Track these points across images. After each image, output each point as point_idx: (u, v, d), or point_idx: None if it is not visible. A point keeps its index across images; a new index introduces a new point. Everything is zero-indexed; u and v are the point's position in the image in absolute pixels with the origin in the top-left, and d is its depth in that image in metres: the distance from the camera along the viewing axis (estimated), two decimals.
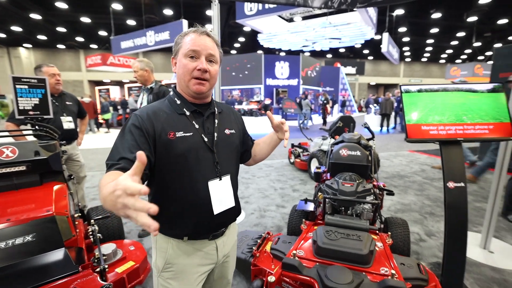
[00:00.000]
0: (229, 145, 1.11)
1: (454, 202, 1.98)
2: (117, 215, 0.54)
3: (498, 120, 2.12)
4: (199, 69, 0.95)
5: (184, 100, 1.04)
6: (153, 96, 2.77)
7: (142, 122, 0.93)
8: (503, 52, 5.52)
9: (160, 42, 9.21)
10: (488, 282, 2.11)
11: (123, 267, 1.89)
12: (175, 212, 1.00)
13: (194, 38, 0.96)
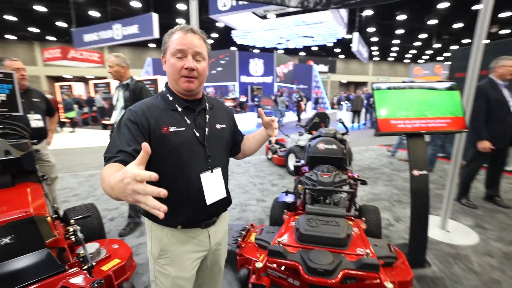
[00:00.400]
0: (220, 139, 1.15)
1: (418, 188, 2.22)
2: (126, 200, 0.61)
3: (454, 114, 2.40)
4: (187, 68, 0.99)
5: (176, 96, 1.07)
6: (130, 92, 2.72)
7: (137, 117, 0.97)
8: (459, 54, 6.02)
9: (129, 36, 8.81)
10: (445, 256, 2.39)
11: (108, 265, 1.89)
12: (169, 202, 1.03)
13: (180, 37, 0.98)
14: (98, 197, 3.91)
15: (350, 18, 13.65)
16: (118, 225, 3.00)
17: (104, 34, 9.36)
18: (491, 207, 3.41)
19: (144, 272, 2.21)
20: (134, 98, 2.70)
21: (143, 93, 2.71)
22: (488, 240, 2.66)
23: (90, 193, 4.08)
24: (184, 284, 1.11)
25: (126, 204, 3.52)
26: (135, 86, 2.73)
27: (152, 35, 8.38)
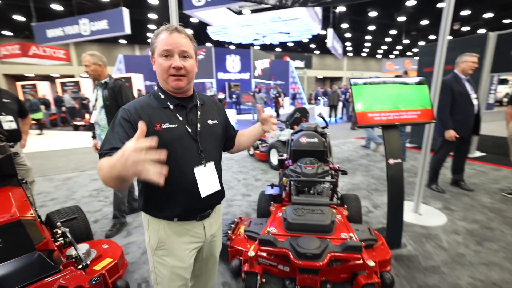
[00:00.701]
0: (212, 134, 1.19)
1: (394, 176, 2.41)
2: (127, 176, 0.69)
3: (423, 107, 2.61)
4: (174, 67, 1.01)
5: (167, 94, 1.10)
6: (109, 91, 2.68)
7: (131, 115, 1.00)
8: (426, 50, 6.39)
9: (97, 32, 8.36)
10: (418, 237, 2.61)
11: (101, 264, 1.90)
12: (165, 196, 1.09)
13: (166, 37, 1.01)
14: (78, 200, 3.81)
15: (324, 15, 13.97)
16: (103, 227, 2.98)
17: (70, 30, 8.81)
18: (457, 191, 3.73)
19: (136, 270, 2.23)
20: (113, 97, 2.69)
21: (122, 91, 2.70)
22: (454, 220, 2.93)
23: (69, 197, 3.96)
24: (182, 273, 1.16)
25: (109, 206, 3.52)
26: (114, 85, 2.70)
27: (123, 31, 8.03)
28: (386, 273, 1.92)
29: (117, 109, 2.66)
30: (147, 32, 21.63)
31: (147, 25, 19.56)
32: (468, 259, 2.27)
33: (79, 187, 4.34)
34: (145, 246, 2.50)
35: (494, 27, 19.57)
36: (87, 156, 6.57)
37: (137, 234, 2.82)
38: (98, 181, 4.61)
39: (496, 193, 3.60)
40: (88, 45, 23.24)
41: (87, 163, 5.93)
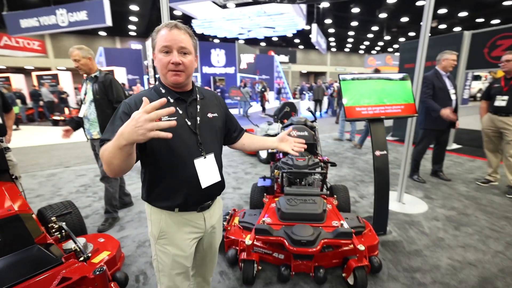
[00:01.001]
0: (212, 127, 1.22)
1: (380, 166, 2.56)
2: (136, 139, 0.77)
3: (407, 101, 2.76)
4: (173, 63, 1.05)
5: (167, 89, 1.14)
6: (99, 85, 2.67)
7: (130, 109, 1.03)
8: (407, 47, 6.63)
9: (76, 23, 7.87)
10: (402, 224, 2.79)
11: (99, 257, 1.92)
12: (166, 187, 1.13)
13: (166, 34, 1.04)
14: (65, 196, 3.74)
15: (308, 10, 14.10)
16: (94, 222, 2.97)
17: (46, 20, 8.25)
18: (436, 180, 3.97)
19: (132, 263, 2.26)
20: (104, 91, 2.68)
21: (113, 85, 2.69)
22: (434, 207, 3.14)
23: (55, 193, 3.85)
24: (182, 261, 1.20)
25: (99, 201, 3.51)
26: (105, 79, 2.70)
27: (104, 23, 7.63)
28: (374, 257, 2.06)
29: (107, 103, 2.72)
30: (128, 24, 21.06)
31: (128, 17, 18.99)
32: (447, 242, 2.46)
33: (65, 183, 4.26)
34: (139, 239, 2.60)
35: (468, 26, 20.52)
36: (69, 152, 6.40)
37: (130, 229, 2.82)
38: (84, 177, 4.53)
39: (472, 182, 3.86)
40: (65, 37, 22.52)
41: (70, 158, 5.78)
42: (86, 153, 6.12)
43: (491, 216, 2.91)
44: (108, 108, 2.73)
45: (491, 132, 3.56)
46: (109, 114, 2.70)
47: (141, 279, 2.07)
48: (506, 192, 3.45)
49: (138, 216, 3.11)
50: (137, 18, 19.72)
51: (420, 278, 2.00)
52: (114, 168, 0.89)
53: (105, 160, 0.87)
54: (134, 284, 2.01)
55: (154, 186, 1.15)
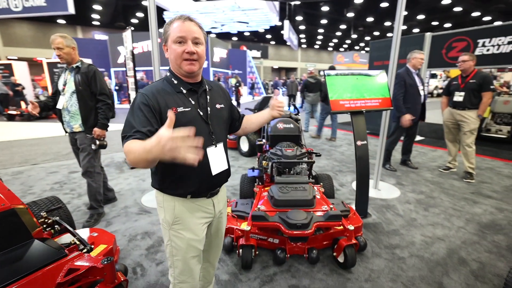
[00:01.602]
0: (220, 118, 1.28)
1: (361, 155, 2.78)
2: (163, 158, 0.79)
3: (383, 96, 3.01)
4: (188, 52, 1.09)
5: (180, 80, 1.18)
6: (82, 76, 2.57)
7: (149, 100, 1.06)
8: (376, 45, 7.04)
9: (32, 9, 7.18)
10: (380, 208, 3.08)
11: (96, 250, 1.88)
12: (180, 175, 1.17)
13: (180, 25, 1.08)
14: (39, 194, 3.53)
15: (281, 7, 14.31)
16: (77, 219, 2.82)
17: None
18: (405, 169, 4.36)
19: (126, 256, 2.26)
20: (87, 82, 2.59)
21: (97, 77, 2.63)
22: (406, 192, 3.48)
23: (26, 191, 3.63)
24: (196, 245, 1.26)
25: (78, 198, 3.39)
26: (88, 70, 2.61)
27: (66, 10, 7.08)
28: (360, 237, 2.28)
29: (90, 95, 2.63)
30: (92, 13, 19.83)
31: (92, 5, 17.87)
32: (419, 222, 2.77)
33: (36, 181, 4.00)
34: (130, 233, 2.60)
35: (425, 28, 22.09)
36: (34, 148, 5.95)
37: (118, 224, 2.78)
38: (57, 174, 4.28)
39: (435, 170, 4.31)
40: (17, 23, 20.47)
41: (36, 155, 5.40)
42: (53, 150, 5.78)
43: (453, 198, 3.30)
44: (91, 100, 2.64)
45: (451, 124, 3.98)
46: (92, 107, 2.64)
47: (139, 270, 2.08)
48: (463, 177, 3.89)
49: (124, 211, 3.06)
50: (101, 7, 18.60)
51: (399, 253, 2.26)
52: (142, 166, 0.91)
53: (131, 160, 0.89)
54: (133, 276, 2.02)
55: (168, 174, 1.18)
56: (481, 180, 3.86)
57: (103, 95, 2.64)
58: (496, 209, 3.03)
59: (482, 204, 3.15)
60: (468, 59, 3.64)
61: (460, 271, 2.04)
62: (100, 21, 22.25)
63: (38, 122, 9.76)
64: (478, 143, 3.89)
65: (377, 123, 6.24)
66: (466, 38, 5.35)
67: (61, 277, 1.36)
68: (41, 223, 1.96)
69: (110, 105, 2.69)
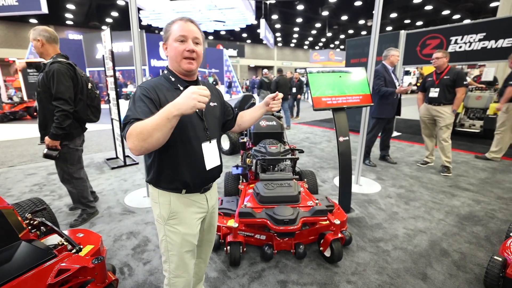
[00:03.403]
0: (214, 115, 1.33)
1: (344, 151, 2.81)
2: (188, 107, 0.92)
3: (364, 92, 3.07)
4: (188, 50, 1.15)
5: (177, 77, 1.22)
6: (44, 75, 2.31)
7: (149, 92, 1.10)
8: (352, 43, 7.19)
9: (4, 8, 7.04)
10: (362, 202, 3.13)
11: (84, 250, 1.83)
12: (175, 169, 1.20)
13: (181, 25, 1.15)
14: (18, 196, 3.39)
15: (256, 6, 14.31)
16: (60, 221, 2.74)
17: None
18: (385, 164, 4.48)
19: (112, 256, 2.21)
20: (46, 83, 2.31)
21: (55, 77, 2.27)
22: (386, 187, 3.57)
23: (4, 194, 3.48)
24: (191, 239, 1.29)
25: (59, 200, 3.28)
26: (49, 69, 2.30)
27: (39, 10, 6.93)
28: (345, 231, 2.30)
29: (49, 97, 2.37)
30: (65, 12, 19.25)
31: (65, 4, 17.39)
32: (400, 215, 2.84)
33: (14, 183, 3.85)
34: (114, 234, 2.56)
35: (398, 26, 22.96)
36: (10, 150, 5.74)
37: (102, 224, 2.73)
38: (35, 176, 4.12)
39: (413, 164, 4.45)
40: None
41: (13, 157, 5.20)
42: (30, 151, 5.61)
43: (432, 191, 3.41)
44: (52, 104, 2.31)
45: (427, 119, 4.13)
46: (52, 110, 2.31)
47: (126, 270, 2.05)
48: (440, 171, 4.04)
49: (107, 211, 2.99)
50: (74, 6, 18.13)
51: (383, 246, 2.30)
52: (152, 142, 0.93)
53: (144, 133, 0.92)
54: (120, 276, 1.99)
55: (164, 168, 1.20)
56: (458, 173, 4.01)
57: (59, 100, 2.29)
58: (473, 201, 3.15)
59: (460, 196, 3.27)
60: (442, 56, 3.78)
61: (443, 262, 2.10)
62: (74, 20, 21.81)
63: (12, 123, 9.60)
64: (452, 137, 4.03)
65: (356, 120, 6.47)
66: (439, 36, 5.57)
67: (51, 278, 1.33)
68: (27, 224, 1.88)
69: (66, 112, 2.31)
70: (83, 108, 2.54)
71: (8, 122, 9.87)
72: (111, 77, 4.36)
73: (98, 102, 2.73)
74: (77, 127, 2.55)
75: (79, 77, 2.47)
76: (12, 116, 10.08)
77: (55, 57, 2.40)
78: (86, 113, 2.60)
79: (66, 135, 2.40)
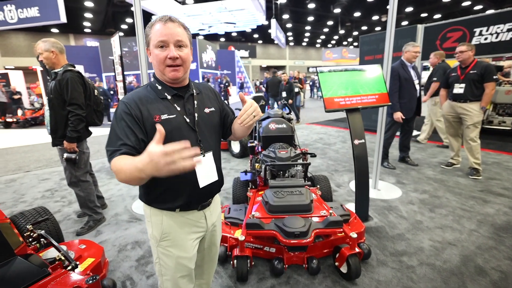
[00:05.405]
0: (210, 123, 1.18)
1: (359, 154, 2.60)
2: (160, 175, 0.74)
3: (380, 91, 2.84)
4: (170, 58, 1.01)
5: (164, 85, 1.10)
6: (55, 83, 2.42)
7: (131, 108, 1.00)
8: (366, 40, 6.91)
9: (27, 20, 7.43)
10: (381, 209, 2.89)
11: (83, 265, 1.80)
12: (166, 187, 1.08)
13: (160, 28, 1.00)
14: (30, 202, 3.44)
15: (267, 6, 14.16)
16: (67, 228, 2.76)
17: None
18: (405, 166, 4.19)
19: (116, 268, 2.12)
20: (59, 91, 2.42)
21: (69, 85, 2.41)
22: (407, 192, 3.30)
23: (18, 200, 3.54)
24: (186, 263, 1.16)
25: (68, 206, 3.29)
26: (62, 77, 2.42)
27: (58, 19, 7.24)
28: (363, 244, 2.09)
29: (61, 104, 2.49)
30: (83, 21, 20.47)
31: (83, 13, 18.41)
32: (425, 224, 2.58)
33: (28, 189, 3.92)
34: (120, 243, 2.48)
35: (414, 20, 22.23)
36: (28, 155, 5.91)
37: (108, 232, 2.66)
38: (49, 181, 4.19)
39: (436, 166, 4.13)
40: (14, 34, 21.61)
41: (30, 162, 5.35)
42: (46, 156, 5.74)
43: (460, 197, 3.11)
44: (63, 109, 2.48)
45: (452, 117, 3.82)
46: (64, 116, 2.48)
47: (128, 284, 1.95)
48: (469, 173, 3.72)
49: (114, 218, 2.93)
50: (92, 15, 19.08)
51: (407, 261, 2.07)
52: (134, 184, 0.87)
53: (122, 179, 0.85)
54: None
55: (152, 187, 1.09)
56: (489, 176, 3.68)
57: (73, 105, 2.45)
58: (510, 208, 2.83)
59: (493, 203, 2.96)
60: (466, 49, 3.48)
61: (480, 283, 1.84)
62: (91, 28, 22.97)
63: (32, 128, 10.06)
64: (480, 136, 3.69)
65: (372, 119, 6.18)
66: (461, 28, 5.22)
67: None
68: (26, 236, 1.89)
69: (80, 116, 2.48)
70: (90, 112, 2.66)
71: (29, 127, 10.37)
72: (121, 82, 4.37)
73: (102, 107, 2.85)
74: (84, 130, 2.66)
75: (87, 84, 2.61)
76: (33, 122, 10.59)
77: (65, 66, 2.52)
78: (92, 117, 2.72)
79: (78, 137, 2.56)
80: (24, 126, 10.33)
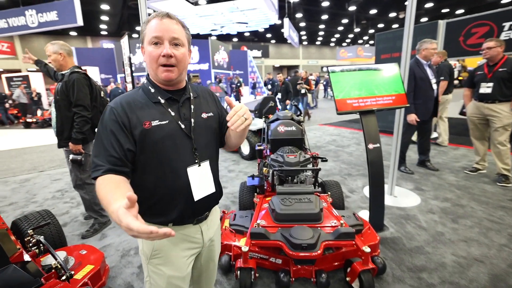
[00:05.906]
0: (207, 129, 1.09)
1: (374, 159, 2.42)
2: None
3: (397, 92, 2.65)
4: (164, 55, 0.93)
5: (158, 88, 1.01)
6: (62, 85, 2.45)
7: (118, 115, 0.93)
8: (382, 37, 6.65)
9: (46, 23, 7.76)
10: (398, 218, 2.70)
11: (82, 272, 1.75)
12: (157, 200, 1.00)
13: (156, 24, 0.93)
14: (41, 203, 3.49)
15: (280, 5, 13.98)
16: (73, 230, 2.77)
17: (15, 21, 8.15)
18: (424, 171, 3.93)
19: (117, 275, 2.08)
20: (65, 92, 2.45)
21: (75, 86, 2.43)
22: (427, 199, 3.07)
23: (29, 200, 3.61)
24: (179, 283, 1.07)
25: (77, 207, 3.31)
26: (69, 78, 2.44)
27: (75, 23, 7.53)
28: (377, 258, 1.93)
29: (68, 105, 2.48)
30: (99, 23, 20.97)
31: (99, 16, 18.86)
32: (447, 237, 2.37)
33: (40, 189, 4.01)
34: (123, 248, 2.42)
35: (434, 16, 21.41)
36: (43, 155, 6.10)
37: (113, 236, 2.63)
38: (60, 181, 4.28)
39: (459, 171, 3.85)
40: (35, 38, 22.11)
41: (44, 162, 5.51)
42: (60, 156, 5.89)
43: (487, 206, 2.85)
44: (70, 111, 2.50)
45: (477, 119, 3.56)
46: (70, 117, 2.51)
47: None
48: (496, 180, 3.43)
49: None
50: (108, 17, 19.51)
51: (427, 278, 1.88)
52: None
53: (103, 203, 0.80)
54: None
55: (143, 199, 0.96)
56: None
57: (79, 107, 2.47)
58: None
59: None
60: (495, 45, 3.21)
61: None
62: (108, 30, 23.46)
63: (50, 128, 10.38)
64: (510, 139, 3.41)
65: (388, 119, 5.93)
66: (488, 23, 4.87)
67: None
68: (27, 241, 1.87)
69: (86, 118, 2.49)
70: (96, 114, 2.65)
71: (47, 127, 10.63)
72: (130, 83, 4.36)
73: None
74: (90, 132, 2.65)
75: (94, 86, 2.62)
76: (50, 122, 10.82)
77: (73, 68, 2.53)
78: (98, 119, 2.65)
79: (84, 139, 2.55)
80: (42, 126, 10.76)
